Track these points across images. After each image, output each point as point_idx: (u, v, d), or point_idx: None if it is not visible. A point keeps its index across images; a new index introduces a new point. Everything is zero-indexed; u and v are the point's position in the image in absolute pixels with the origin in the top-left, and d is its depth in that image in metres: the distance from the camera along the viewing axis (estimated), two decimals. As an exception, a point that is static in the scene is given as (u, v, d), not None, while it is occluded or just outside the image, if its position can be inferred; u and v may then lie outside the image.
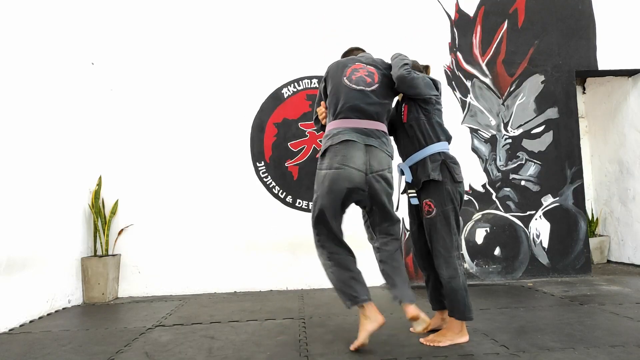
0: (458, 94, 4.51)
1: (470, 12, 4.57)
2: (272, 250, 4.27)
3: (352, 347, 2.40)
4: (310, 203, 4.32)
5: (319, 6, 4.49)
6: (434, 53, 4.51)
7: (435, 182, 2.46)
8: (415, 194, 2.58)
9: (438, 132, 2.59)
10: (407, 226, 4.36)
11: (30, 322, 3.27)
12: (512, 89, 4.53)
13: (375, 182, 2.39)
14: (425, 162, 2.51)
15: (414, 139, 2.58)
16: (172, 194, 4.27)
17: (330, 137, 2.45)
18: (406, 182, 2.64)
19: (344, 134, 2.41)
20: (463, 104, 4.50)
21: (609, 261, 5.23)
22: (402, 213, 4.36)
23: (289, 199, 4.30)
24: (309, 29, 4.47)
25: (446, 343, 2.42)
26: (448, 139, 2.64)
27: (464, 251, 4.37)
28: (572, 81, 4.57)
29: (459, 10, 4.57)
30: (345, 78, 2.54)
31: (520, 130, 4.50)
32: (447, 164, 2.49)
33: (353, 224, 4.44)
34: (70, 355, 2.51)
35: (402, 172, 2.66)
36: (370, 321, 2.37)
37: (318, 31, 4.47)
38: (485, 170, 4.45)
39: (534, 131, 4.51)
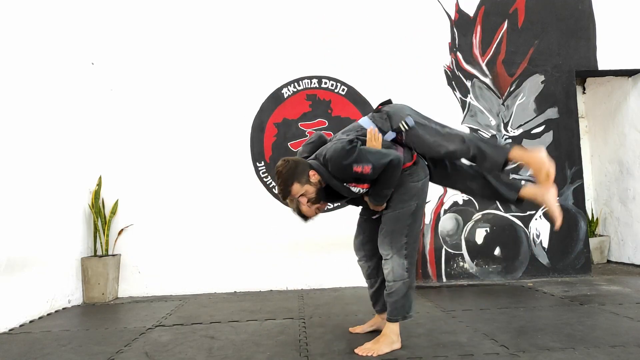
0: (458, 94, 4.51)
1: (470, 12, 4.57)
2: (272, 250, 4.27)
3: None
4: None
5: (319, 6, 4.48)
6: (434, 53, 4.51)
7: None
8: None
9: None
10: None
11: (30, 322, 3.27)
12: (512, 89, 4.53)
13: None
14: None
15: None
16: (172, 194, 4.27)
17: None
18: None
19: None
20: (463, 104, 4.50)
21: (609, 261, 5.23)
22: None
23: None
24: (309, 28, 4.47)
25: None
26: None
27: (464, 251, 4.37)
28: (572, 81, 4.56)
29: (459, 10, 4.57)
30: None
31: (520, 130, 4.50)
32: None
33: (348, 225, 4.44)
34: (70, 355, 2.51)
35: None
36: (394, 344, 2.41)
37: (318, 31, 4.47)
38: (485, 170, 4.45)
39: (534, 131, 4.51)
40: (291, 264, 4.24)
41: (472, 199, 4.42)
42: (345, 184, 2.35)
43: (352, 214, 4.33)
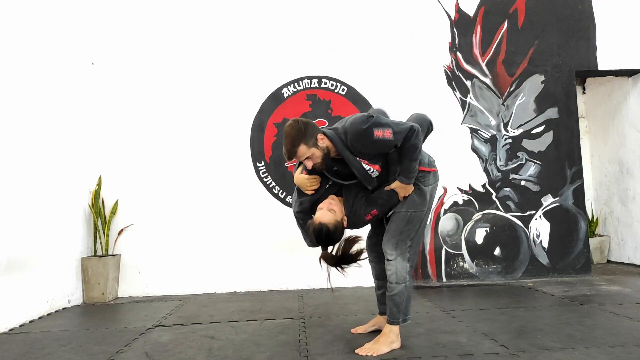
0: (458, 94, 4.50)
1: (470, 12, 4.57)
2: (272, 250, 4.27)
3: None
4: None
5: (319, 6, 4.48)
6: (434, 53, 4.51)
7: None
8: None
9: None
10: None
11: (30, 322, 3.27)
12: (512, 89, 4.53)
13: None
14: None
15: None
16: (172, 194, 4.27)
17: (430, 157, 2.61)
18: None
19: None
20: (463, 104, 4.50)
21: (609, 261, 5.23)
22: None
23: (289, 199, 4.30)
24: (309, 29, 4.47)
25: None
26: None
27: (464, 251, 4.37)
28: (572, 81, 4.56)
29: (459, 10, 4.57)
30: None
31: (520, 130, 4.50)
32: None
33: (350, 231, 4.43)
34: (70, 355, 2.51)
35: None
36: (394, 344, 2.43)
37: (318, 31, 4.47)
38: (485, 170, 4.45)
39: (534, 131, 4.51)
40: (291, 264, 4.24)
41: (473, 199, 4.42)
42: (358, 159, 2.29)
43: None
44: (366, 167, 2.33)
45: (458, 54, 4.53)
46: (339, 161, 2.37)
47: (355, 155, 2.30)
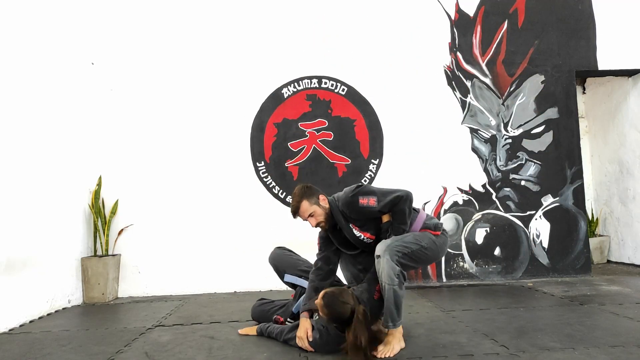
0: (458, 94, 4.50)
1: (470, 12, 4.57)
2: (272, 250, 4.26)
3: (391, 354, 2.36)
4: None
5: (319, 6, 4.48)
6: (434, 53, 4.51)
7: None
8: None
9: None
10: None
11: (30, 322, 3.27)
12: (512, 89, 4.53)
13: None
14: None
15: None
16: (172, 194, 4.27)
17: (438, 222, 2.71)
18: None
19: None
20: (463, 104, 4.50)
21: (609, 261, 5.22)
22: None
23: (289, 199, 4.30)
24: (309, 29, 4.47)
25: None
26: None
27: (464, 251, 4.37)
28: (572, 81, 4.56)
29: (459, 10, 4.57)
30: None
31: (520, 130, 4.50)
32: None
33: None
34: (70, 355, 2.51)
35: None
36: (401, 342, 2.44)
37: (318, 31, 4.47)
38: (485, 170, 4.45)
39: (534, 131, 4.51)
40: (291, 264, 4.23)
41: (473, 199, 4.42)
42: (349, 225, 2.52)
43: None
44: (357, 233, 2.55)
45: (458, 54, 4.53)
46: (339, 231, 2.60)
47: (347, 222, 2.53)
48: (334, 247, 2.67)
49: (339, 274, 2.83)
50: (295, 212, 2.55)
